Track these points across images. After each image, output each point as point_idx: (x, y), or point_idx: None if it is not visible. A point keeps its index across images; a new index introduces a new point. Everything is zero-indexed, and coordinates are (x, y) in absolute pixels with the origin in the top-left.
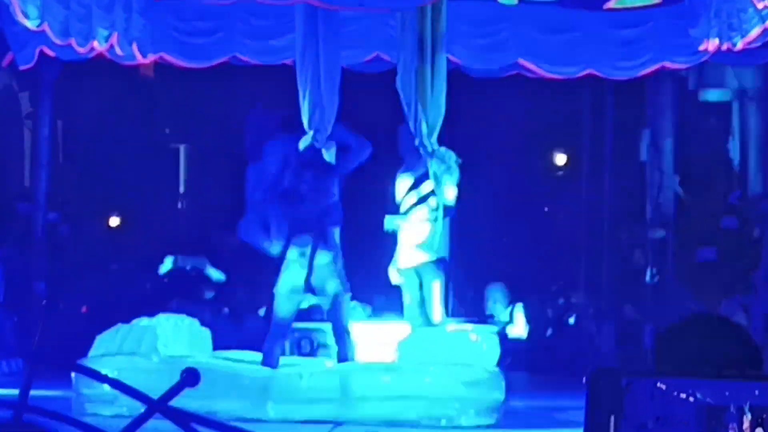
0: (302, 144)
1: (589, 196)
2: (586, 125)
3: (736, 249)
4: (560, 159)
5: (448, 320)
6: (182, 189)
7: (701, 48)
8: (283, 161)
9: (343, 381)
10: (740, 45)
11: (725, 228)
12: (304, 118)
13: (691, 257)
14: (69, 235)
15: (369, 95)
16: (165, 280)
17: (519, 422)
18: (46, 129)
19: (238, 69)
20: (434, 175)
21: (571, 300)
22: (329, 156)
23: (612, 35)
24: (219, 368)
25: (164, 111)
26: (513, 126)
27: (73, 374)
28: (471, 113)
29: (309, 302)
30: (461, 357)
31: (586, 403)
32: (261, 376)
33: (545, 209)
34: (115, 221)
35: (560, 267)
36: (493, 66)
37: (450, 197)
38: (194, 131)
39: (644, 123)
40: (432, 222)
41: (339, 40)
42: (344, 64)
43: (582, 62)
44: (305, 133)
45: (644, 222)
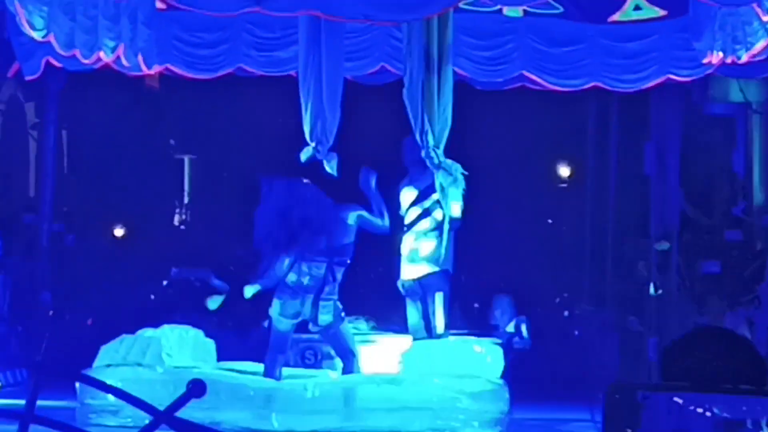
0: (304, 156)
1: (594, 208)
2: (591, 137)
3: (741, 262)
4: (565, 171)
5: (451, 332)
6: (187, 200)
7: (705, 61)
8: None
9: (348, 392)
10: (745, 58)
11: (730, 241)
12: (306, 129)
13: (696, 270)
14: (74, 246)
15: (372, 107)
16: (169, 291)
17: None
18: (52, 139)
19: (243, 80)
20: (440, 187)
21: (575, 312)
22: (331, 167)
23: (617, 48)
24: (223, 379)
25: (169, 122)
26: (517, 138)
27: (78, 385)
28: (475, 125)
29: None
30: (465, 368)
31: (603, 418)
32: (265, 387)
33: (549, 221)
34: (120, 232)
35: (564, 279)
36: (498, 78)
37: (455, 210)
38: (199, 142)
39: (648, 135)
40: (436, 234)
41: (342, 52)
42: (349, 76)
43: (587, 75)
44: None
45: (648, 234)
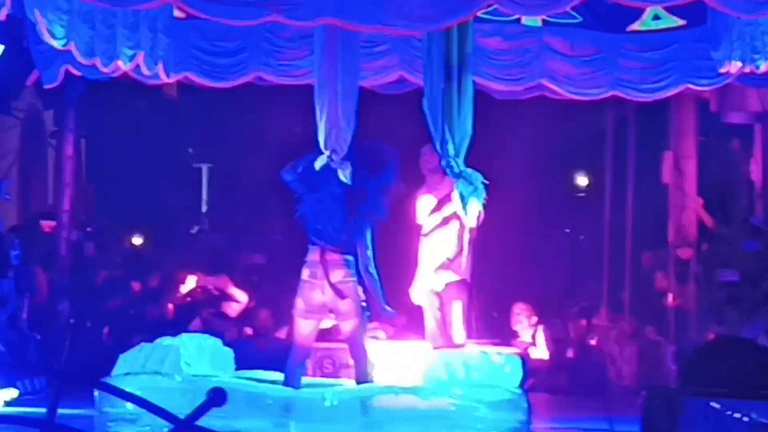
0: (318, 164)
1: (612, 218)
2: (609, 147)
3: (759, 271)
4: (583, 180)
5: (470, 341)
6: (205, 208)
7: (723, 70)
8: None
9: (366, 402)
10: (764, 67)
11: (748, 250)
12: (321, 138)
13: (714, 279)
14: (92, 254)
15: (390, 116)
16: (188, 300)
17: None
18: (71, 148)
19: (262, 89)
20: (461, 196)
21: (593, 321)
22: (345, 176)
23: (635, 57)
24: (242, 388)
25: (188, 130)
26: (535, 147)
27: (96, 392)
28: (493, 134)
29: (329, 323)
30: (484, 378)
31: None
32: (284, 396)
33: (567, 230)
34: (139, 240)
35: (582, 288)
36: (517, 87)
37: (475, 219)
38: (217, 151)
39: (667, 145)
40: (455, 243)
41: (358, 61)
42: (367, 85)
43: (605, 84)
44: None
45: (666, 244)
